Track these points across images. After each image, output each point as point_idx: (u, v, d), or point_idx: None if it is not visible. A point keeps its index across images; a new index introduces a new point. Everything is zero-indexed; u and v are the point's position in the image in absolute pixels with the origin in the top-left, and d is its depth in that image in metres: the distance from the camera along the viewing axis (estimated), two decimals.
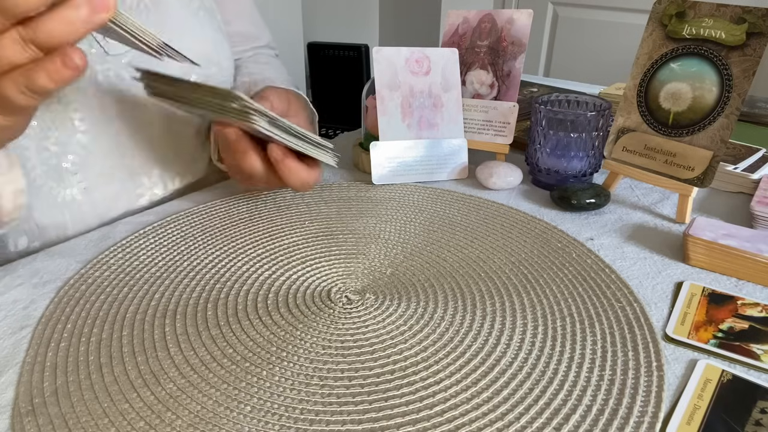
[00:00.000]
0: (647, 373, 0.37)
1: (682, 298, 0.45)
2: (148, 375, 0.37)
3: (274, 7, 2.21)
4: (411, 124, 0.66)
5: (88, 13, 0.33)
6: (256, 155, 0.51)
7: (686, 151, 0.57)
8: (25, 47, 0.33)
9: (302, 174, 0.52)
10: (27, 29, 0.32)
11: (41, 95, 0.35)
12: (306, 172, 0.52)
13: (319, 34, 2.65)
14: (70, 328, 0.41)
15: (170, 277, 0.47)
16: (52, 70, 0.33)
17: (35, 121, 0.51)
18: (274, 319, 0.42)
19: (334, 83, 2.46)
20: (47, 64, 0.33)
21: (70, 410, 0.34)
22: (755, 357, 0.39)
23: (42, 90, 0.34)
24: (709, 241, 0.49)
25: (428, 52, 0.66)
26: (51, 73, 0.33)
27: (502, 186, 0.65)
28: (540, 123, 0.63)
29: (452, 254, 0.51)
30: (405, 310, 0.44)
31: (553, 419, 0.34)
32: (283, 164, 0.50)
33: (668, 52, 0.58)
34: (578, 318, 0.43)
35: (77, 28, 0.33)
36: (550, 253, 0.51)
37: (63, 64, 0.33)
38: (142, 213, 0.59)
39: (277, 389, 0.36)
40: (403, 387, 0.36)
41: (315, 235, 0.54)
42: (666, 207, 0.61)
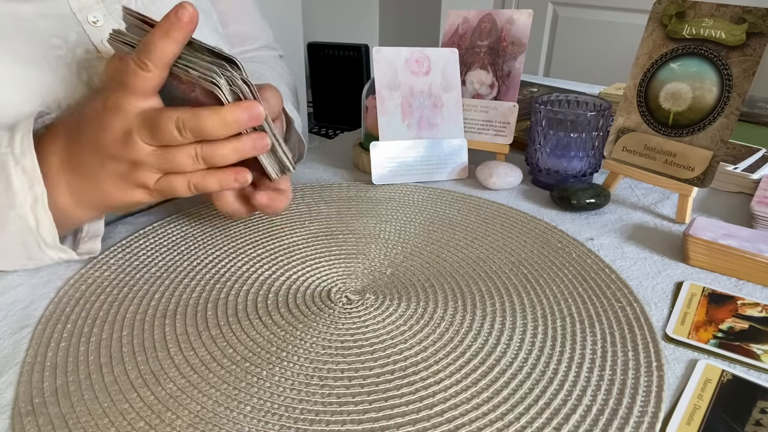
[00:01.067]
0: (647, 373, 0.37)
1: (682, 298, 0.45)
2: (148, 375, 0.37)
3: (274, 7, 2.21)
4: (411, 124, 0.66)
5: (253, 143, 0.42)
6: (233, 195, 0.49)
7: (686, 151, 0.57)
8: (196, 161, 0.41)
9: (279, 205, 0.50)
10: (204, 148, 0.41)
11: (202, 192, 0.43)
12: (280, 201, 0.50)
13: (319, 34, 2.65)
14: (70, 328, 0.41)
15: (170, 277, 0.47)
16: (224, 180, 0.42)
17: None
18: (274, 319, 0.42)
19: (334, 83, 2.46)
20: (222, 175, 0.42)
21: (70, 410, 0.34)
22: (755, 357, 0.39)
23: (206, 190, 0.43)
24: (709, 241, 0.49)
25: (428, 52, 0.66)
26: (222, 182, 0.43)
27: (502, 186, 0.65)
28: (540, 123, 0.63)
29: (452, 254, 0.51)
30: (405, 310, 0.44)
31: (553, 419, 0.34)
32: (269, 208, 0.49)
33: (668, 52, 0.58)
34: (578, 318, 0.43)
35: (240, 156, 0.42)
36: (550, 253, 0.51)
37: (235, 179, 0.43)
38: (143, 213, 0.59)
39: (277, 389, 0.36)
40: (403, 387, 0.36)
41: (315, 235, 0.54)
42: (666, 207, 0.61)
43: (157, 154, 0.41)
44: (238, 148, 0.41)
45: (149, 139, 0.40)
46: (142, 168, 0.42)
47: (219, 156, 0.41)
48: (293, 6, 2.37)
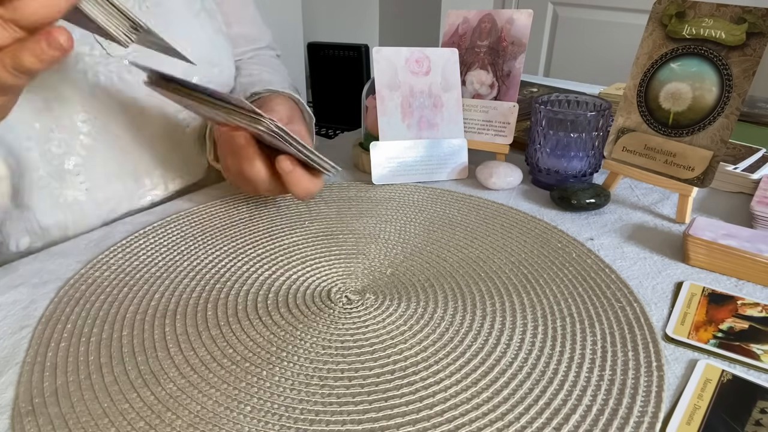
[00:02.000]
0: (647, 373, 0.37)
1: (682, 298, 0.45)
2: (148, 375, 0.37)
3: (274, 7, 2.21)
4: (411, 124, 0.66)
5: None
6: (262, 163, 0.51)
7: (686, 151, 0.57)
8: (7, 28, 0.34)
9: (308, 184, 0.52)
10: (7, 10, 0.33)
11: (29, 75, 0.36)
12: (312, 182, 0.52)
13: (319, 34, 2.65)
14: (70, 328, 0.41)
15: (170, 277, 0.47)
16: (38, 50, 0.34)
17: (38, 123, 0.51)
18: (274, 319, 0.42)
19: (334, 83, 2.46)
20: (32, 44, 0.34)
21: (70, 410, 0.34)
22: (755, 357, 0.39)
23: (29, 70, 0.35)
24: (709, 241, 0.49)
25: (428, 52, 0.66)
26: (37, 53, 0.34)
27: (502, 186, 0.65)
28: (540, 123, 0.63)
29: (452, 254, 0.51)
30: (405, 310, 0.44)
31: (553, 419, 0.34)
32: (292, 175, 0.51)
33: (668, 52, 0.58)
34: (578, 318, 0.43)
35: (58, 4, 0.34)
36: (550, 253, 0.51)
37: (48, 45, 0.34)
38: (143, 213, 0.59)
39: (277, 389, 0.36)
40: (403, 387, 0.36)
41: (315, 235, 0.54)
42: (666, 207, 0.61)
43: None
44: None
45: None
46: None
47: (27, 13, 0.33)
48: (293, 6, 2.37)
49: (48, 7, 0.34)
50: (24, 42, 0.34)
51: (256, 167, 0.51)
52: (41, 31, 0.34)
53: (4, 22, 0.33)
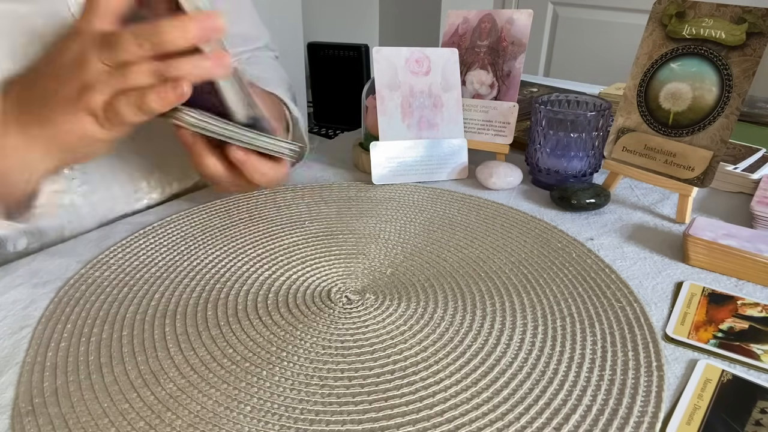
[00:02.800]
0: (647, 373, 0.37)
1: (682, 298, 0.45)
2: (148, 375, 0.37)
3: (274, 7, 2.21)
4: (411, 124, 0.66)
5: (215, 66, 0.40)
6: (214, 157, 0.50)
7: (686, 151, 0.57)
8: (151, 77, 0.39)
9: (268, 171, 0.51)
10: (162, 64, 0.39)
11: (147, 115, 0.41)
12: (273, 169, 0.51)
13: (319, 34, 2.65)
14: (70, 328, 0.41)
15: (170, 277, 0.47)
16: (163, 94, 0.39)
17: None
18: (274, 319, 0.42)
19: (334, 83, 2.46)
20: (161, 88, 0.39)
21: (70, 410, 0.34)
22: (755, 357, 0.39)
23: (149, 110, 0.40)
24: (709, 241, 0.49)
25: (428, 52, 0.66)
26: (161, 96, 0.39)
27: (502, 186, 0.65)
28: (540, 123, 0.63)
29: (452, 254, 0.51)
30: (405, 310, 0.44)
31: (553, 419, 0.34)
32: (247, 164, 0.49)
33: (668, 52, 0.58)
34: (578, 318, 0.43)
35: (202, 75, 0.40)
36: (550, 253, 0.51)
37: (173, 90, 0.39)
38: (142, 213, 0.59)
39: (277, 389, 0.36)
40: (403, 387, 0.36)
41: (315, 235, 0.54)
42: (666, 207, 0.61)
43: (111, 73, 0.39)
44: (197, 63, 0.39)
45: (105, 55, 0.39)
46: (92, 89, 0.40)
47: (176, 69, 0.39)
48: (293, 6, 2.37)
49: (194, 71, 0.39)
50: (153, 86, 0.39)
51: (209, 163, 0.50)
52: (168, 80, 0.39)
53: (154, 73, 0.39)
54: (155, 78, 0.39)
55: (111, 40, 0.39)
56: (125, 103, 0.40)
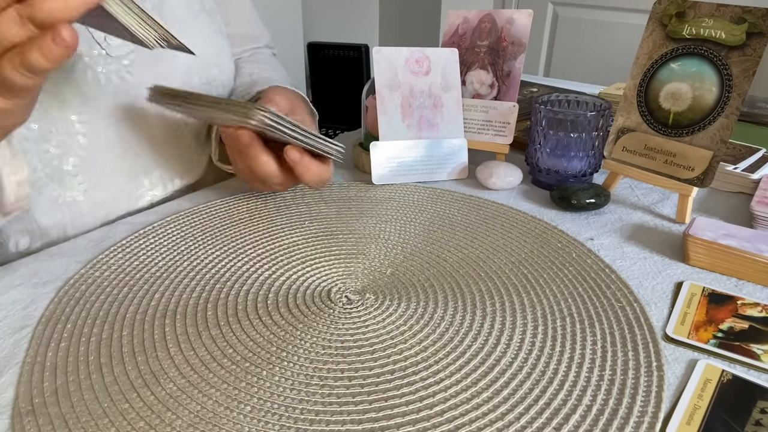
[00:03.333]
0: (647, 373, 0.37)
1: (682, 298, 0.45)
2: (148, 375, 0.37)
3: (274, 7, 2.21)
4: (411, 124, 0.66)
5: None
6: (270, 158, 0.52)
7: (686, 151, 0.57)
8: (23, 25, 0.33)
9: (319, 171, 0.53)
10: (25, 7, 0.33)
11: (37, 74, 0.35)
12: (322, 169, 0.54)
13: (319, 34, 2.65)
14: (70, 328, 0.41)
15: (170, 277, 0.47)
16: (44, 47, 0.33)
17: (36, 124, 0.51)
18: (274, 319, 0.42)
19: (334, 83, 2.46)
20: (39, 41, 0.33)
21: (70, 410, 0.34)
22: (755, 357, 0.39)
23: (37, 68, 0.34)
24: (709, 241, 0.49)
25: (428, 52, 0.66)
26: (43, 50, 0.34)
27: (502, 186, 0.65)
28: (540, 123, 0.63)
29: (452, 254, 0.51)
30: (405, 310, 0.44)
31: (553, 419, 0.34)
32: (301, 164, 0.52)
33: (668, 52, 0.58)
34: (578, 318, 0.43)
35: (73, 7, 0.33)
36: (550, 253, 0.51)
37: (53, 41, 0.33)
38: (142, 213, 0.59)
39: (277, 389, 0.36)
40: (403, 387, 0.36)
41: (315, 235, 0.54)
42: (666, 207, 0.61)
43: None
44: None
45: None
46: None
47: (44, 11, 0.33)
48: (293, 6, 2.37)
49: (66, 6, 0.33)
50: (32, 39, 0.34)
51: (264, 163, 0.52)
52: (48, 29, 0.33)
53: (21, 19, 0.33)
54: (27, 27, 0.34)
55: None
56: (8, 66, 0.35)
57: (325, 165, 0.54)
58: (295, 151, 0.51)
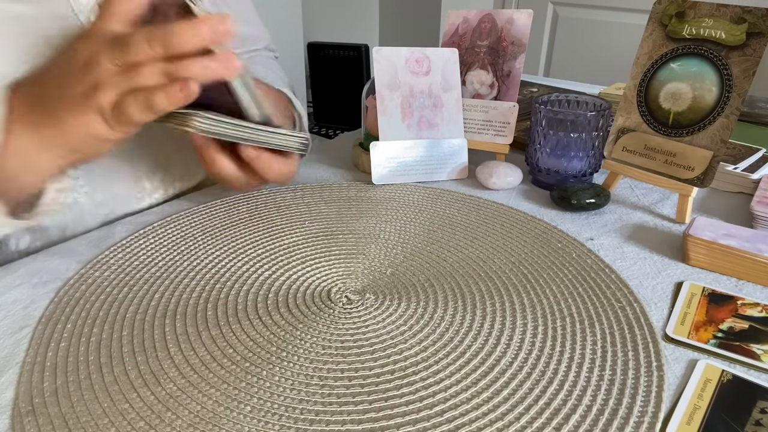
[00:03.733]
0: (647, 373, 0.37)
1: (682, 298, 0.45)
2: (148, 375, 0.37)
3: (274, 7, 2.21)
4: (411, 124, 0.66)
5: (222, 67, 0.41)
6: (227, 159, 0.52)
7: (686, 151, 0.57)
8: (161, 77, 0.39)
9: (281, 166, 0.53)
10: (172, 65, 0.39)
11: (155, 114, 0.41)
12: (284, 164, 0.53)
13: (319, 34, 2.65)
14: (70, 328, 0.41)
15: (170, 277, 0.47)
16: (172, 93, 0.39)
17: None
18: (274, 319, 0.42)
19: (334, 83, 2.46)
20: (169, 87, 0.39)
21: (70, 410, 0.34)
22: (755, 357, 0.39)
23: (157, 109, 0.40)
24: (709, 241, 0.49)
25: (428, 52, 0.66)
26: (170, 96, 0.39)
27: (502, 186, 0.65)
28: (540, 123, 0.63)
29: (452, 254, 0.51)
30: (405, 310, 0.44)
31: (553, 419, 0.34)
32: (259, 161, 0.51)
33: (668, 52, 0.58)
34: (578, 318, 0.43)
35: (210, 76, 0.40)
36: (550, 253, 0.51)
37: (181, 90, 0.39)
38: (143, 213, 0.59)
39: (277, 389, 0.36)
40: (403, 387, 0.36)
41: (315, 235, 0.54)
42: (666, 207, 0.61)
43: (120, 72, 0.40)
44: (206, 64, 0.40)
45: (116, 55, 0.39)
46: (101, 89, 0.40)
47: (185, 70, 0.40)
48: (293, 6, 2.37)
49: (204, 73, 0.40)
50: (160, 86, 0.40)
51: (221, 164, 0.52)
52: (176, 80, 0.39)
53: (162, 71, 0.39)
54: (164, 78, 0.40)
55: (123, 40, 0.39)
56: (133, 102, 0.40)
57: (287, 159, 0.54)
58: (251, 149, 0.50)
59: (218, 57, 0.41)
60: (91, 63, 0.40)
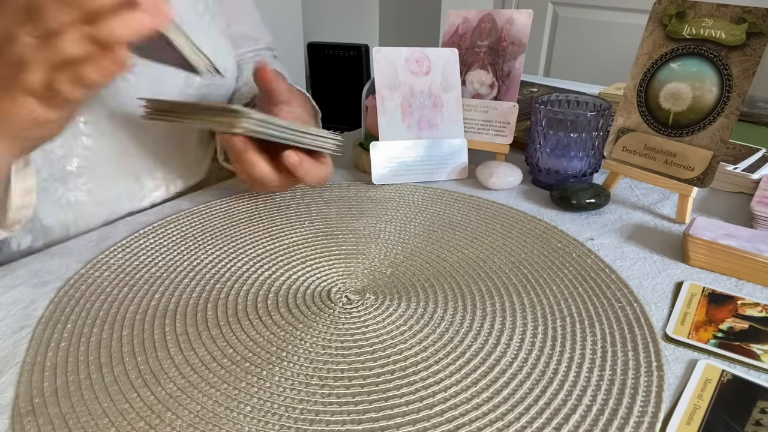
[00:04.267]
0: (647, 373, 0.37)
1: (682, 298, 0.45)
2: (148, 375, 0.37)
3: (274, 7, 2.21)
4: (411, 124, 0.66)
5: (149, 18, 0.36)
6: (265, 163, 0.52)
7: (686, 151, 0.57)
8: (84, 43, 0.35)
9: (319, 171, 0.54)
10: (91, 27, 0.35)
11: (88, 89, 0.37)
12: (321, 169, 0.55)
13: (319, 34, 2.65)
14: (70, 328, 0.41)
15: (170, 277, 0.47)
16: (102, 64, 0.36)
17: None
18: (274, 319, 0.42)
19: (334, 83, 2.46)
20: (98, 58, 0.35)
21: (70, 410, 0.34)
22: (755, 357, 0.39)
23: (90, 83, 0.36)
24: (709, 241, 0.49)
25: (428, 52, 0.66)
26: (101, 67, 0.36)
27: (502, 186, 0.65)
28: (540, 123, 0.63)
29: (452, 254, 0.51)
30: (405, 310, 0.44)
31: (553, 419, 0.34)
32: (300, 167, 0.52)
33: (668, 52, 0.58)
34: (578, 318, 0.43)
35: (136, 30, 0.36)
36: (550, 253, 0.51)
37: (112, 60, 0.36)
38: (143, 213, 0.59)
39: (277, 389, 0.36)
40: (403, 387, 0.36)
41: (315, 235, 0.54)
42: (666, 207, 0.61)
43: (40, 45, 0.35)
44: (128, 18, 0.35)
45: (31, 25, 0.35)
46: (26, 68, 0.36)
47: (107, 32, 0.35)
48: (293, 6, 2.37)
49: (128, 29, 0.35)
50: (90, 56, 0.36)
51: (260, 168, 0.52)
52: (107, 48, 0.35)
53: (83, 36, 0.35)
54: (90, 45, 0.35)
55: (35, 7, 0.34)
56: (65, 80, 0.36)
57: (323, 164, 0.55)
58: (294, 155, 0.51)
59: (143, 6, 0.36)
60: (7, 39, 0.35)
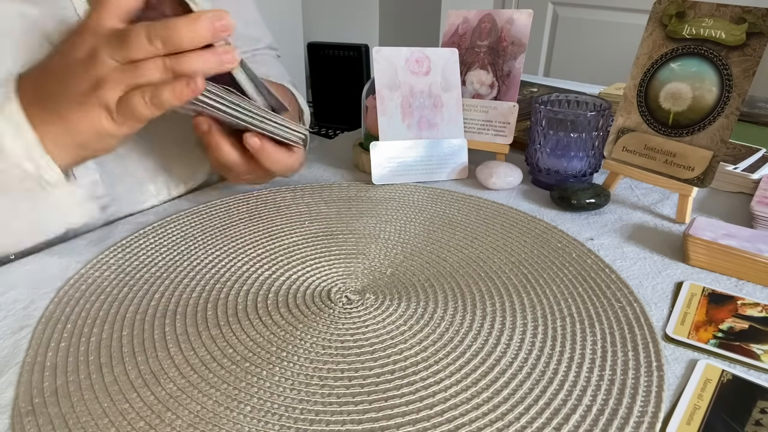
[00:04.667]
0: (647, 373, 0.37)
1: (682, 298, 0.45)
2: (148, 375, 0.37)
3: (274, 7, 2.21)
4: (411, 124, 0.66)
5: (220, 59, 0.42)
6: (230, 146, 0.52)
7: (686, 151, 0.57)
8: (164, 73, 0.41)
9: (284, 158, 0.53)
10: (173, 60, 0.40)
11: (160, 110, 0.42)
12: (288, 156, 0.53)
13: (319, 34, 2.65)
14: (70, 328, 0.41)
15: (170, 277, 0.47)
16: (178, 89, 0.40)
17: None
18: (274, 319, 0.42)
19: (334, 83, 2.46)
20: (175, 83, 0.41)
21: (70, 410, 0.34)
22: (755, 357, 0.39)
23: (164, 104, 0.41)
24: (709, 241, 0.49)
25: (428, 52, 0.66)
26: (176, 91, 0.40)
27: (502, 186, 0.65)
28: (540, 123, 0.63)
29: (452, 254, 0.51)
30: (405, 310, 0.44)
31: (553, 419, 0.34)
32: (262, 151, 0.51)
33: (668, 52, 0.58)
34: (578, 318, 0.43)
35: (211, 68, 0.42)
36: (550, 253, 0.51)
37: (187, 85, 0.41)
38: (143, 213, 0.59)
39: (277, 389, 0.36)
40: (403, 387, 0.36)
41: (315, 235, 0.54)
42: (666, 207, 0.61)
43: (123, 69, 0.40)
44: (207, 58, 0.41)
45: (117, 52, 0.40)
46: (105, 85, 0.41)
47: (186, 67, 0.41)
48: (293, 6, 2.37)
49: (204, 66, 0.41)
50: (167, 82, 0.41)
51: (225, 152, 0.52)
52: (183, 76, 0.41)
53: (165, 68, 0.40)
54: (167, 73, 0.40)
55: (122, 37, 0.40)
56: (140, 98, 0.41)
57: (291, 153, 0.54)
58: (255, 138, 0.50)
59: (217, 50, 0.42)
60: (92, 59, 0.40)
